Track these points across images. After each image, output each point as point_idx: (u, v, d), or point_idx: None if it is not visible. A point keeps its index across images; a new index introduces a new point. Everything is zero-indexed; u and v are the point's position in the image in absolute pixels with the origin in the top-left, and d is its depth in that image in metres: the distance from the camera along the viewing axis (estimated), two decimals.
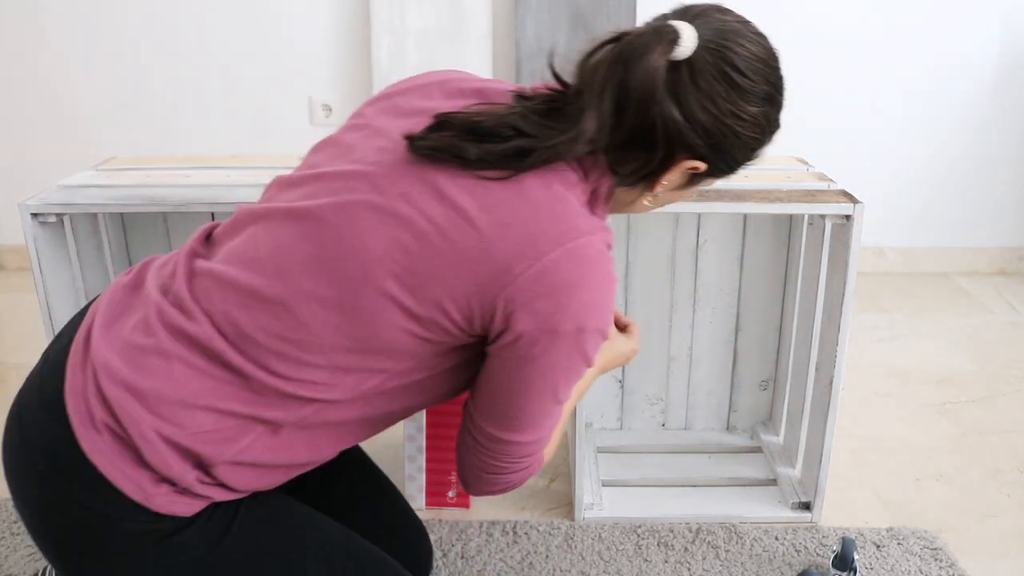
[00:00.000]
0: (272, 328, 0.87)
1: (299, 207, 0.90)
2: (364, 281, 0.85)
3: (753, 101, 0.89)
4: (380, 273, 0.85)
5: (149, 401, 0.86)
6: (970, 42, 2.63)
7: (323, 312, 0.86)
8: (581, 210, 0.89)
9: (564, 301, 0.85)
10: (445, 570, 1.45)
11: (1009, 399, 2.05)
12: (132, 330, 0.89)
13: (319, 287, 0.86)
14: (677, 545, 1.52)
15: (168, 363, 0.87)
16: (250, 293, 0.88)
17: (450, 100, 0.95)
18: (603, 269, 0.88)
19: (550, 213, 0.86)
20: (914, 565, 1.46)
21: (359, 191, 0.88)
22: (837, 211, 1.38)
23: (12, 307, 2.54)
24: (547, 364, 0.87)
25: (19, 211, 1.37)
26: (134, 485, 0.87)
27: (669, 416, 1.85)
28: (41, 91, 2.70)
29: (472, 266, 0.85)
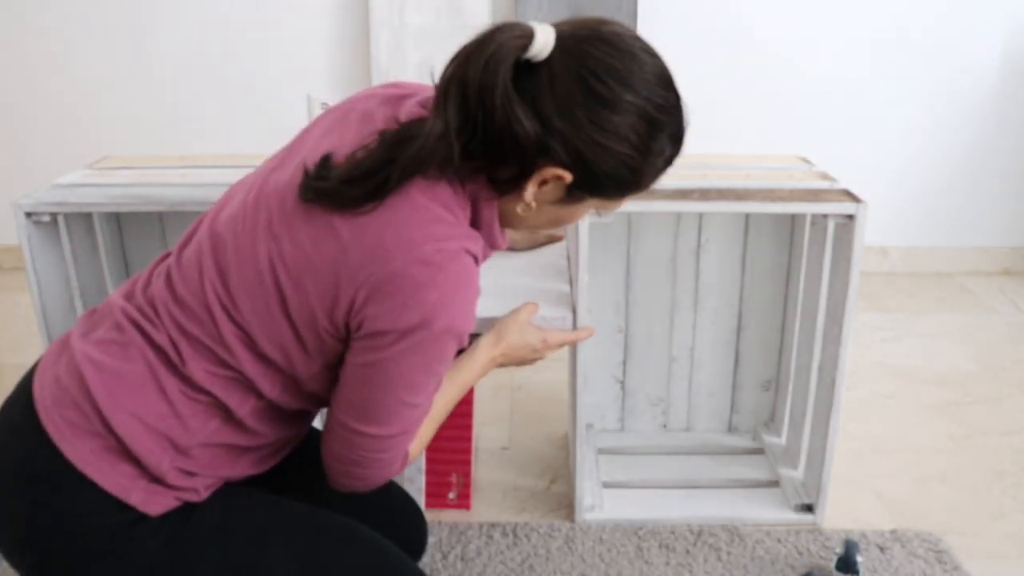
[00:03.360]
0: (204, 332, 0.94)
1: (217, 230, 0.97)
2: (259, 294, 0.92)
3: (618, 112, 0.86)
4: (269, 284, 0.91)
5: (130, 386, 0.92)
6: (974, 42, 2.62)
7: (231, 324, 0.93)
8: (444, 218, 0.90)
9: (411, 301, 0.87)
10: (445, 572, 1.44)
11: (1013, 400, 2.04)
12: (105, 331, 0.96)
13: (230, 303, 0.93)
14: (678, 547, 1.50)
15: (140, 355, 0.93)
16: (183, 300, 0.95)
17: (366, 127, 0.97)
18: (455, 272, 0.89)
19: (406, 221, 0.88)
20: (918, 568, 1.45)
21: (258, 226, 0.94)
22: (840, 210, 1.37)
23: (7, 307, 2.53)
24: (394, 360, 0.89)
25: (13, 210, 1.36)
26: (113, 481, 0.91)
27: (670, 417, 1.84)
28: (36, 90, 2.69)
29: (333, 269, 0.88)
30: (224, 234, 0.95)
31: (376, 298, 0.87)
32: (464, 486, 1.61)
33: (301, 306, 0.90)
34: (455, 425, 1.59)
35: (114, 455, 0.92)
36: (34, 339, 1.46)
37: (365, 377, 0.92)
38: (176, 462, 0.94)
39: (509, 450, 1.83)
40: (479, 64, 0.85)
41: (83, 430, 0.91)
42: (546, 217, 0.99)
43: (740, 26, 2.61)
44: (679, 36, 2.61)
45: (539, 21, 0.88)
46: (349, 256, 0.88)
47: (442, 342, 0.90)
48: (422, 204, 0.89)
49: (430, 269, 0.87)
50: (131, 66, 2.65)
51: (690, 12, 2.59)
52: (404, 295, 0.87)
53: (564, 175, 0.89)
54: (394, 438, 0.95)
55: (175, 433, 0.93)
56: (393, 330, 0.88)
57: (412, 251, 0.87)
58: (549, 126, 0.86)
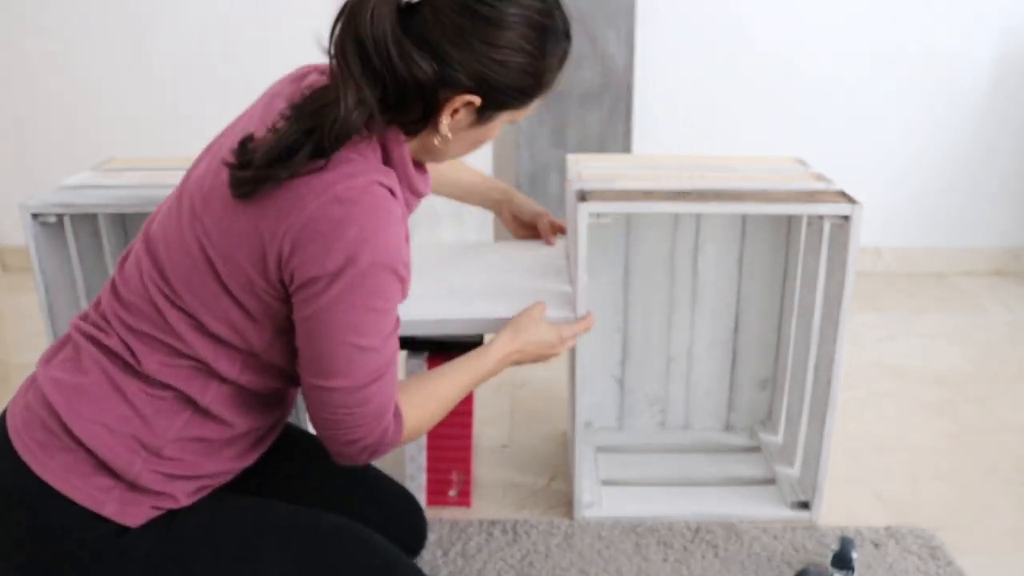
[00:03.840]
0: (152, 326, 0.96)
1: (150, 234, 0.99)
2: (195, 276, 0.94)
3: (506, 27, 0.91)
4: (202, 264, 0.93)
5: (90, 397, 0.94)
6: (968, 43, 2.64)
7: (177, 311, 0.95)
8: (351, 159, 0.91)
9: (331, 241, 0.88)
10: (445, 569, 1.46)
11: (1006, 398, 2.05)
12: (64, 353, 1.00)
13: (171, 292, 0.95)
14: (676, 544, 1.52)
15: (95, 364, 0.95)
16: (128, 302, 0.97)
17: (272, 107, 1.00)
18: (369, 204, 0.90)
19: (319, 171, 0.89)
20: (912, 564, 1.47)
21: (183, 217, 0.96)
22: (835, 211, 1.38)
23: (14, 307, 2.54)
24: (331, 305, 0.90)
25: (19, 212, 1.37)
26: (86, 494, 0.92)
27: (668, 415, 1.86)
28: (39, 92, 2.70)
29: (256, 230, 0.90)
30: (156, 234, 0.98)
31: (299, 246, 0.88)
32: (464, 484, 1.63)
33: (235, 274, 0.92)
34: (455, 423, 1.60)
35: (87, 468, 0.93)
36: (40, 339, 1.47)
37: (311, 331, 0.92)
38: (149, 464, 0.94)
39: (509, 448, 1.85)
40: (366, 18, 0.88)
41: (53, 447, 0.93)
42: (465, 143, 1.02)
43: (739, 27, 2.62)
44: (679, 36, 2.63)
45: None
46: (267, 213, 0.89)
47: (375, 277, 0.90)
48: (336, 157, 0.91)
49: (344, 206, 0.88)
50: (133, 67, 2.66)
51: (690, 12, 2.61)
52: (324, 237, 0.88)
53: (473, 100, 0.94)
54: (364, 389, 0.94)
55: (143, 434, 0.94)
56: (323, 275, 0.88)
57: (324, 193, 0.88)
58: (446, 58, 0.90)
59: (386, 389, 0.96)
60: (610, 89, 2.53)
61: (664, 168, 1.59)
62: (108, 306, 0.98)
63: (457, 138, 1.00)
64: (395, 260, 0.91)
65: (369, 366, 0.94)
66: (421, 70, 0.89)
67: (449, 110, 0.94)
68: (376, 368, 0.94)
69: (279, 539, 1.01)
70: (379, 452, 0.99)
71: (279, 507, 1.05)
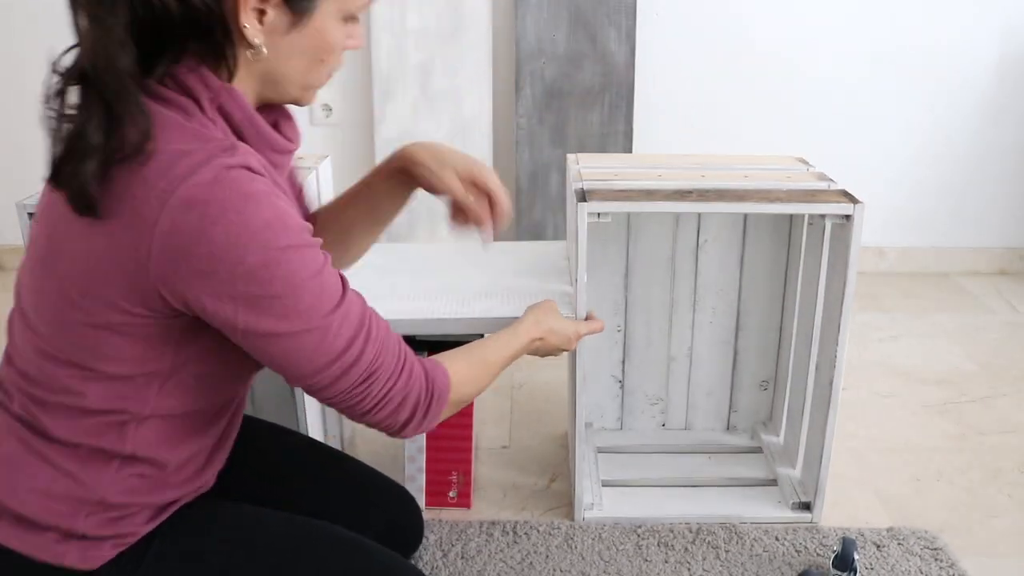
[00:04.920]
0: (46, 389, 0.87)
1: (19, 296, 0.91)
2: (66, 322, 0.84)
3: None
4: (67, 304, 0.83)
5: (12, 466, 0.87)
6: (971, 42, 2.63)
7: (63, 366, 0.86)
8: (185, 149, 0.77)
9: (202, 257, 0.76)
10: (445, 570, 1.45)
11: (1010, 399, 2.05)
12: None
13: (49, 346, 0.86)
14: (677, 545, 1.51)
15: (11, 435, 0.88)
16: (18, 368, 0.89)
17: None
18: (223, 197, 0.76)
19: (147, 162, 0.76)
20: (914, 565, 1.46)
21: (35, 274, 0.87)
22: (837, 211, 1.38)
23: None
24: (252, 324, 0.80)
25: (16, 211, 1.36)
26: (42, 550, 0.87)
27: (669, 416, 1.85)
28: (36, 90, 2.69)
29: (108, 253, 0.78)
30: (23, 297, 0.89)
31: (170, 269, 0.77)
32: (464, 485, 1.62)
33: (103, 308, 0.81)
34: (455, 424, 1.59)
35: (36, 528, 0.87)
36: None
37: (254, 350, 0.83)
38: (94, 515, 0.88)
39: (509, 449, 1.84)
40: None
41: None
42: (298, 56, 0.86)
43: (740, 26, 2.62)
44: (679, 36, 2.62)
45: None
46: (112, 231, 0.77)
47: (278, 264, 0.78)
48: (155, 149, 0.76)
49: (196, 209, 0.75)
50: None
51: (690, 12, 2.60)
52: (194, 256, 0.76)
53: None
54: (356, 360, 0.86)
55: (77, 491, 0.88)
56: (225, 295, 0.78)
57: (167, 200, 0.75)
58: None
59: (379, 344, 0.88)
60: (610, 88, 2.53)
61: (665, 167, 1.58)
62: (5, 374, 0.90)
63: (283, 48, 0.84)
64: (285, 241, 0.79)
65: (326, 345, 0.84)
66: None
67: (247, 10, 0.79)
68: (347, 338, 0.85)
69: (262, 556, 0.96)
70: (436, 409, 0.92)
71: (259, 520, 0.99)
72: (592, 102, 2.53)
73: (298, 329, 0.82)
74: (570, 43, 2.48)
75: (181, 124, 0.79)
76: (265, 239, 0.78)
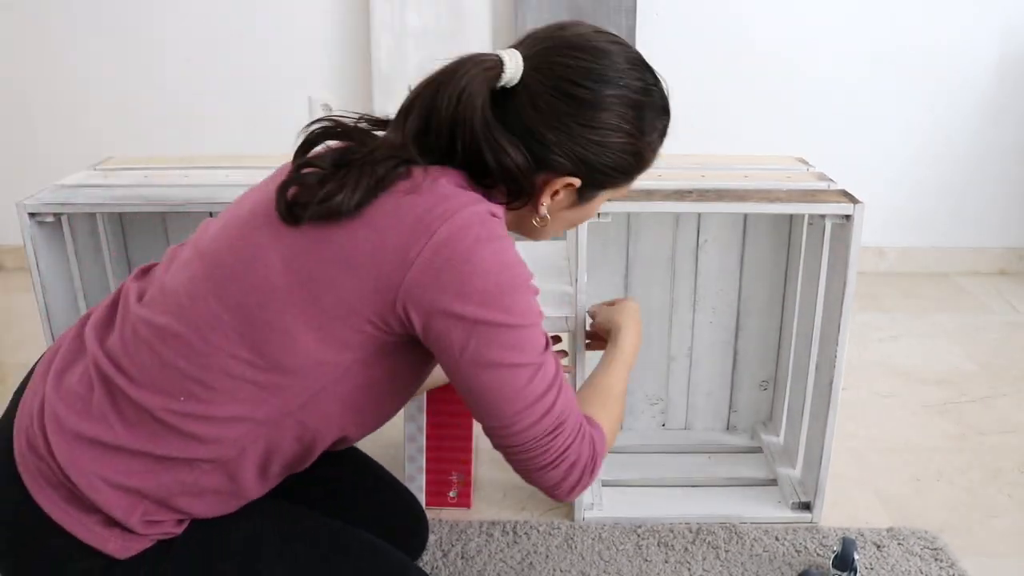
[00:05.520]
0: (185, 370, 0.88)
1: (205, 248, 0.92)
2: (267, 310, 0.86)
3: (605, 108, 0.89)
4: (279, 286, 0.86)
5: (95, 448, 0.88)
6: (971, 42, 2.63)
7: (229, 344, 0.87)
8: (450, 189, 0.89)
9: (465, 274, 0.84)
10: (445, 570, 1.45)
11: (1010, 399, 2.05)
12: (78, 382, 0.91)
13: (222, 309, 0.87)
14: (677, 545, 1.51)
15: (106, 413, 0.89)
16: (164, 334, 0.89)
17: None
18: (488, 232, 0.86)
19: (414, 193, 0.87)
20: (914, 565, 1.46)
21: (259, 233, 0.89)
22: (837, 211, 1.38)
23: (12, 307, 2.54)
24: (482, 345, 0.86)
25: (17, 211, 1.36)
26: (87, 531, 0.89)
27: (669, 416, 1.85)
28: (38, 91, 2.70)
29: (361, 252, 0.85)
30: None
31: (428, 276, 0.84)
32: (464, 485, 1.62)
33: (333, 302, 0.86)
34: (455, 424, 1.59)
35: (86, 507, 0.89)
36: (38, 339, 1.47)
37: (482, 374, 0.87)
38: (149, 514, 0.91)
39: None
40: (453, 97, 0.86)
41: (51, 483, 0.89)
42: (563, 223, 1.01)
43: (739, 26, 2.62)
44: (679, 36, 2.62)
45: (504, 49, 0.90)
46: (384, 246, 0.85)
47: (513, 298, 0.87)
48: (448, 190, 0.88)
49: (467, 232, 0.85)
50: (133, 67, 2.66)
51: (690, 12, 2.60)
52: (455, 267, 0.84)
53: (573, 182, 0.92)
54: (547, 412, 0.89)
55: (147, 488, 0.89)
56: (463, 314, 0.84)
57: (448, 220, 0.85)
58: (543, 141, 0.88)
59: (568, 399, 0.92)
60: None
61: (665, 167, 1.58)
62: (137, 355, 0.89)
63: (556, 218, 0.98)
64: (525, 277, 0.89)
65: (546, 378, 0.89)
66: (509, 157, 0.88)
67: (549, 192, 0.93)
68: (547, 384, 0.90)
69: (282, 551, 0.97)
70: (596, 468, 0.94)
71: (285, 514, 1.01)
72: None
73: (519, 362, 0.87)
74: None
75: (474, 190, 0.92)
76: (517, 273, 0.88)
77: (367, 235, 0.85)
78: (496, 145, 0.88)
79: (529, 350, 0.88)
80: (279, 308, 0.86)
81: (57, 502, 0.89)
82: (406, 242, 0.84)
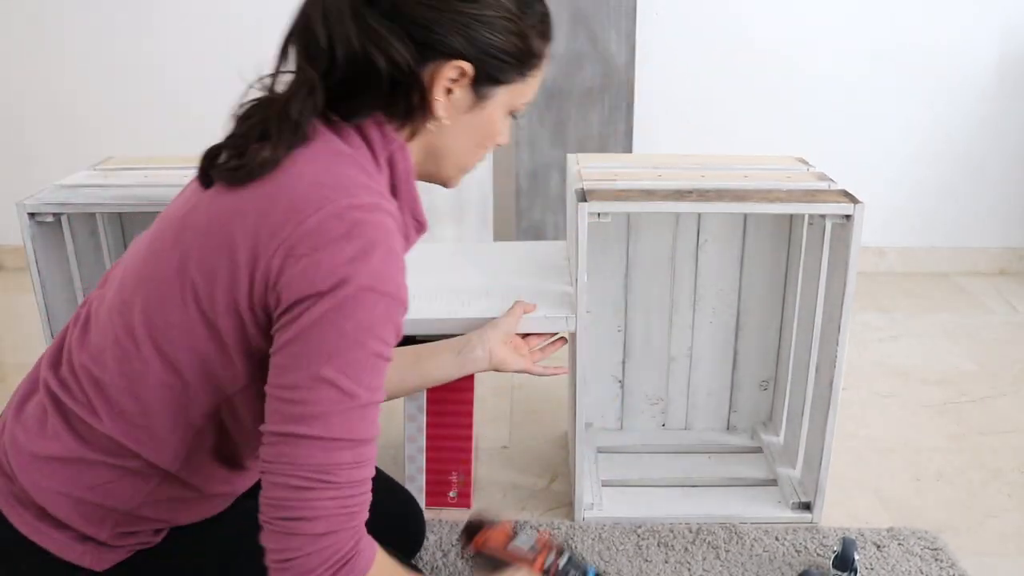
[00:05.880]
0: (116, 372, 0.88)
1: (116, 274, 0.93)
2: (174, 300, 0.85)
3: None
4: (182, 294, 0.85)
5: (52, 464, 0.89)
6: (970, 42, 2.63)
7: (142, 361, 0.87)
8: (355, 177, 0.85)
9: (325, 257, 0.79)
10: (445, 570, 1.45)
11: (1010, 399, 2.05)
12: (33, 408, 0.92)
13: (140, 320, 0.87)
14: (677, 545, 1.51)
15: (59, 432, 0.89)
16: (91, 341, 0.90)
17: None
18: (375, 227, 0.82)
19: (314, 180, 0.83)
20: (915, 565, 1.46)
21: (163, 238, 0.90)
22: (837, 211, 1.38)
23: (12, 307, 2.54)
24: (314, 325, 0.79)
25: (16, 211, 1.36)
26: (61, 546, 0.89)
27: (669, 416, 1.85)
28: (40, 91, 2.70)
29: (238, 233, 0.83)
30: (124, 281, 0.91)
31: (290, 262, 0.79)
32: (464, 485, 1.62)
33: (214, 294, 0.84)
34: (455, 424, 1.59)
35: (58, 525, 0.89)
36: (37, 339, 1.47)
37: (287, 361, 0.79)
38: (120, 526, 0.91)
39: (509, 449, 1.84)
40: (318, 9, 0.85)
41: (22, 505, 0.89)
42: (467, 135, 0.94)
43: (739, 26, 2.62)
44: (679, 36, 2.62)
45: None
46: (260, 226, 0.81)
47: (368, 305, 0.79)
48: (327, 162, 0.85)
49: (344, 223, 0.79)
50: (133, 66, 2.66)
51: (690, 12, 2.60)
52: (317, 253, 0.78)
53: (463, 66, 0.87)
54: (338, 450, 0.78)
55: (111, 501, 0.89)
56: (311, 294, 0.78)
57: (323, 207, 0.80)
58: (422, 22, 0.84)
59: (362, 473, 0.81)
60: (611, 88, 2.52)
61: (665, 167, 1.58)
62: (76, 362, 0.90)
63: (458, 127, 0.92)
64: (392, 291, 0.81)
65: (350, 422, 0.79)
66: (395, 48, 0.83)
67: (441, 85, 0.87)
68: (357, 431, 0.80)
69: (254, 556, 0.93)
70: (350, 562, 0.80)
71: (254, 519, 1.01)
72: (592, 102, 2.53)
73: (332, 374, 0.79)
74: (570, 43, 2.48)
75: (354, 145, 0.88)
76: (380, 280, 0.80)
77: (246, 213, 0.83)
78: (378, 37, 0.83)
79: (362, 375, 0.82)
80: (174, 308, 0.85)
81: (29, 520, 0.89)
82: (276, 226, 0.81)
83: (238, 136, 0.88)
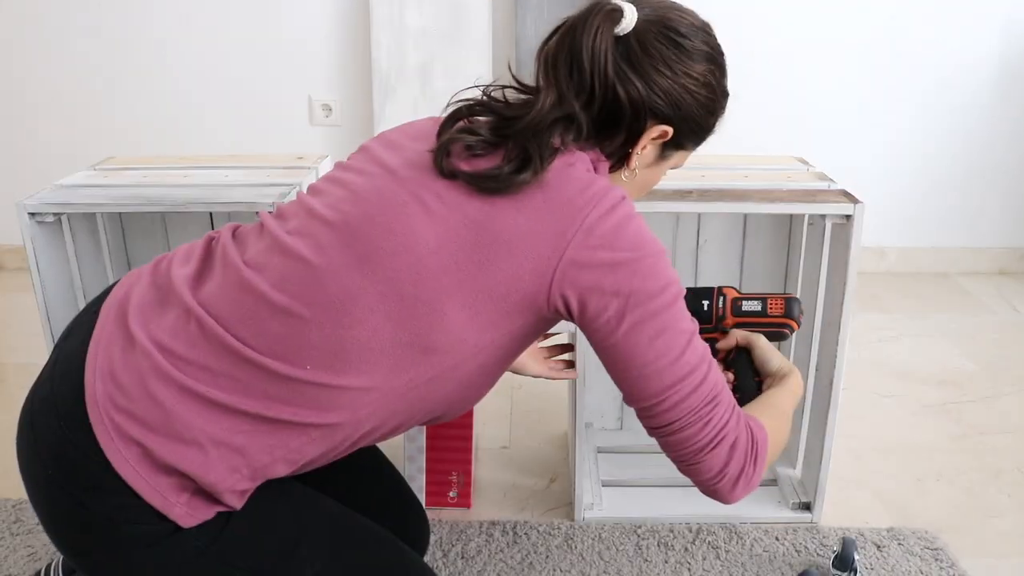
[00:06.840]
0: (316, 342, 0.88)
1: (333, 218, 0.91)
2: (420, 287, 0.88)
3: (698, 59, 0.96)
4: (435, 265, 0.87)
5: (201, 406, 0.87)
6: (971, 42, 2.63)
7: (372, 317, 0.88)
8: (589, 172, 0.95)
9: (619, 247, 0.88)
10: (445, 570, 1.45)
11: (1010, 399, 2.05)
12: (172, 336, 0.89)
13: (368, 283, 0.88)
14: (677, 545, 1.51)
15: (214, 373, 0.88)
16: (288, 314, 0.88)
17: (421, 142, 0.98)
18: (629, 207, 0.92)
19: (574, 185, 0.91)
20: (915, 565, 1.46)
21: (397, 192, 0.91)
22: (837, 211, 1.38)
23: (12, 307, 2.54)
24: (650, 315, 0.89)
25: (17, 211, 1.36)
26: (154, 494, 0.87)
27: None
28: (38, 91, 2.70)
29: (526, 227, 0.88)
30: None
31: (582, 260, 0.87)
32: (464, 485, 1.62)
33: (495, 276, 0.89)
34: (456, 424, 1.59)
35: (162, 467, 0.87)
36: (38, 339, 1.46)
37: (628, 345, 0.91)
38: (244, 482, 0.90)
39: (509, 449, 1.84)
40: (589, 36, 0.92)
41: (131, 437, 0.86)
42: (636, 187, 1.04)
43: (739, 26, 2.62)
44: None
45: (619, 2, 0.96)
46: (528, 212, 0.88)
47: (659, 267, 0.91)
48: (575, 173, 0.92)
49: (617, 211, 0.89)
50: (133, 67, 2.66)
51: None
52: (609, 247, 0.88)
53: (666, 130, 0.97)
54: (706, 377, 0.92)
55: (252, 453, 0.89)
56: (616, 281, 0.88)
57: (598, 204, 0.89)
58: (652, 85, 0.94)
59: (719, 375, 0.94)
60: None
61: None
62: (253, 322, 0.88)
63: (639, 177, 1.02)
64: (663, 247, 0.93)
65: (698, 349, 0.92)
66: (635, 89, 0.93)
67: (647, 139, 0.97)
68: (699, 354, 0.92)
69: (320, 541, 0.99)
70: (759, 460, 0.96)
71: (324, 506, 1.03)
72: None
73: (674, 328, 0.90)
74: None
75: (583, 161, 0.96)
76: (657, 245, 0.91)
77: (520, 217, 0.88)
78: (623, 76, 0.93)
79: (681, 316, 0.92)
80: (433, 287, 0.87)
81: (130, 460, 0.86)
82: (561, 226, 0.88)
83: (487, 143, 0.93)
